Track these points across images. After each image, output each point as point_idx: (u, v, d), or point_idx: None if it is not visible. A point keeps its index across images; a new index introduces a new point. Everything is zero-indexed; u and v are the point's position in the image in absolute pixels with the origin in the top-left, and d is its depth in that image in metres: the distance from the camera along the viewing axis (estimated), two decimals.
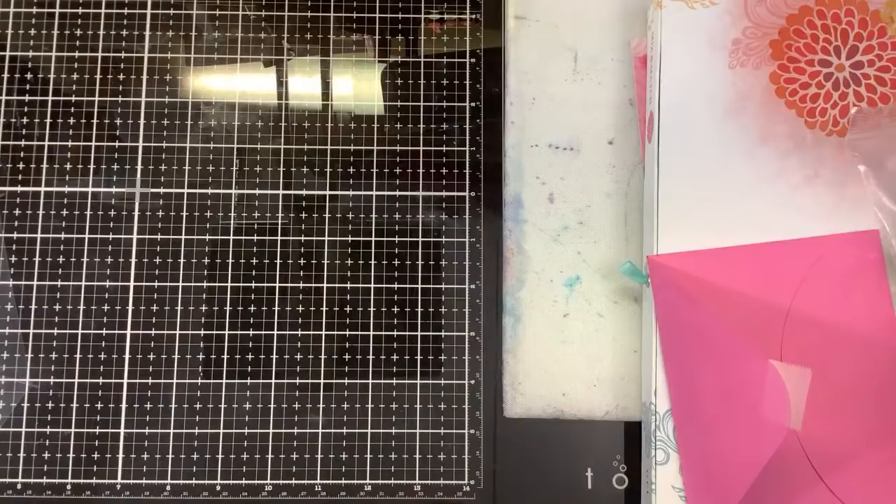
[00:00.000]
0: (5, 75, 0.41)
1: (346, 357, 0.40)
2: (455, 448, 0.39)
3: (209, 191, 0.41)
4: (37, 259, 0.40)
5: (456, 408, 0.40)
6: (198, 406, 0.39)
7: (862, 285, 0.35)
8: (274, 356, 0.40)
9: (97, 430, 0.39)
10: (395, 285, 0.40)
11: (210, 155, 0.41)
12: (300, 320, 0.40)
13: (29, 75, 0.41)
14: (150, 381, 0.39)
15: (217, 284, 0.40)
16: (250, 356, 0.40)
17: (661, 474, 0.36)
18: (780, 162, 0.37)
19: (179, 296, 0.40)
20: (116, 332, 0.40)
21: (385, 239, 0.41)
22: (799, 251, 0.35)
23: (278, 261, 0.40)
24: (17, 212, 0.40)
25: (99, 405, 0.39)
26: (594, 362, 0.40)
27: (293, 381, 0.40)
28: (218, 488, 0.39)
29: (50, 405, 0.39)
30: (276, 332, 0.40)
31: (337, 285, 0.40)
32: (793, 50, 0.37)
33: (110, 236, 0.40)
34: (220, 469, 0.39)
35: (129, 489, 0.39)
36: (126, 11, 0.42)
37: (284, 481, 0.39)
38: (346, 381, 0.40)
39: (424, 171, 0.41)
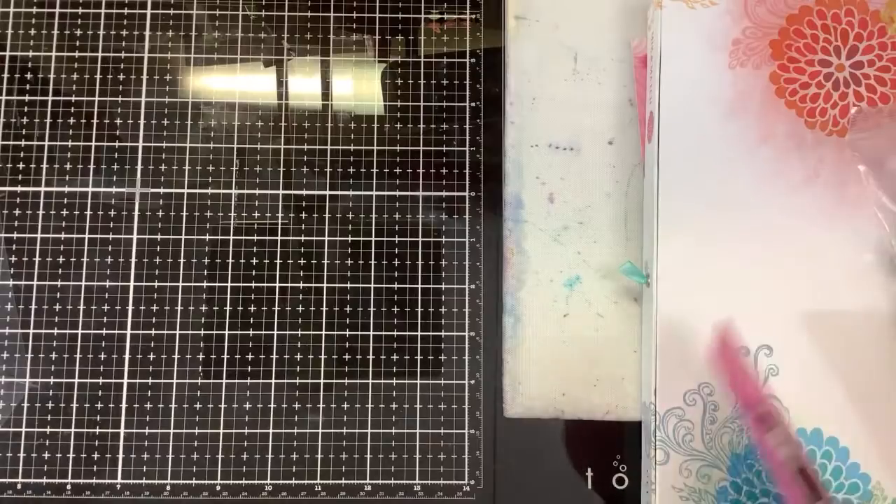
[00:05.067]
0: (5, 75, 0.41)
1: (346, 357, 0.40)
2: (455, 448, 0.39)
3: (209, 191, 0.41)
4: (37, 259, 0.40)
5: (456, 408, 0.40)
6: (198, 406, 0.39)
7: None
8: (274, 356, 0.40)
9: (97, 430, 0.39)
10: (395, 285, 0.40)
11: (210, 155, 0.41)
12: (300, 320, 0.40)
13: (29, 75, 0.41)
14: (150, 381, 0.39)
15: (217, 284, 0.40)
16: (250, 356, 0.40)
17: (661, 474, 0.36)
18: (780, 162, 0.37)
19: (179, 296, 0.40)
20: (116, 332, 0.40)
21: (385, 239, 0.41)
22: None
23: (278, 261, 0.40)
24: (17, 212, 0.40)
25: (99, 405, 0.39)
26: (594, 362, 0.39)
27: (293, 381, 0.40)
28: (218, 488, 0.39)
29: (50, 405, 0.39)
30: (276, 332, 0.40)
31: (337, 285, 0.40)
32: (793, 50, 0.37)
33: (110, 236, 0.40)
34: (220, 469, 0.39)
35: (129, 489, 0.39)
36: (126, 11, 0.42)
37: (284, 481, 0.39)
38: (346, 381, 0.40)
39: (424, 171, 0.41)
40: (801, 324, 0.36)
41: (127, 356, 0.40)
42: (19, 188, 0.41)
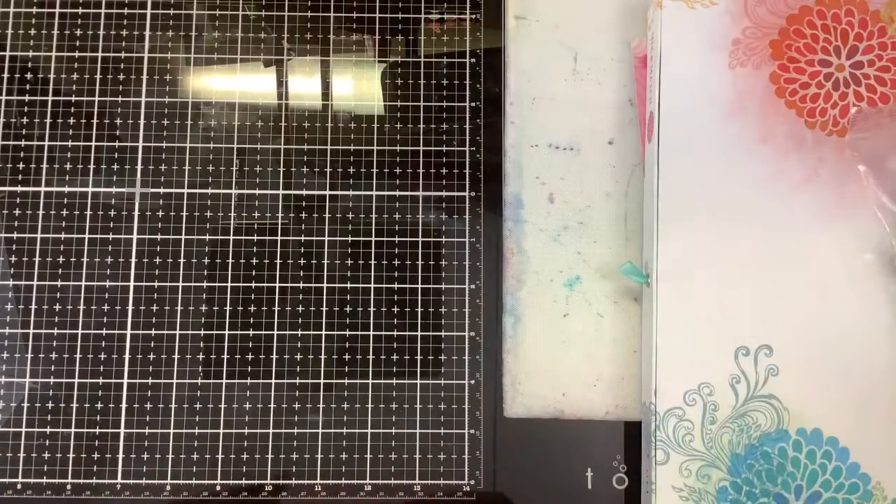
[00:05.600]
0: (5, 75, 0.41)
1: (346, 357, 0.40)
2: (455, 448, 0.39)
3: (209, 191, 0.41)
4: (37, 259, 0.40)
5: (456, 408, 0.40)
6: (198, 406, 0.39)
7: None
8: (274, 356, 0.40)
9: (97, 430, 0.39)
10: (395, 285, 0.40)
11: (210, 155, 0.41)
12: (300, 320, 0.40)
13: (29, 75, 0.41)
14: (150, 381, 0.39)
15: (217, 284, 0.40)
16: (250, 356, 0.40)
17: (661, 474, 0.36)
18: (780, 162, 0.37)
19: (179, 296, 0.40)
20: (116, 332, 0.40)
21: (385, 239, 0.41)
22: None
23: (278, 261, 0.40)
24: (17, 212, 0.40)
25: (99, 405, 0.39)
26: (594, 362, 0.40)
27: (293, 381, 0.40)
28: (218, 488, 0.39)
29: (50, 405, 0.39)
30: (276, 332, 0.40)
31: (337, 285, 0.40)
32: (793, 50, 0.37)
33: (110, 236, 0.40)
34: (220, 469, 0.39)
35: (129, 489, 0.39)
36: (126, 11, 0.42)
37: (284, 481, 0.39)
38: (346, 381, 0.40)
39: (424, 171, 0.41)
40: (801, 324, 0.36)
41: (127, 356, 0.40)
42: (19, 188, 0.41)
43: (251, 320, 0.40)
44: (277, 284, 0.40)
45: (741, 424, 0.36)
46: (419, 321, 0.40)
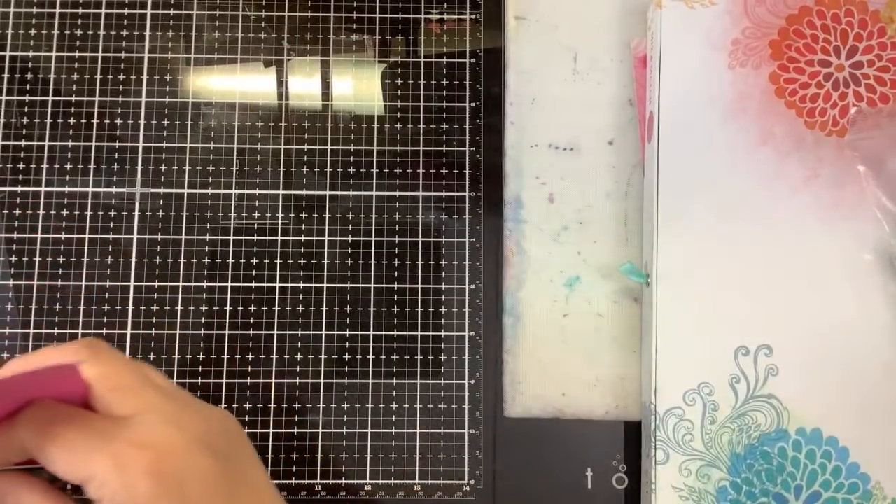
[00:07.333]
0: (5, 75, 0.41)
1: (346, 357, 0.40)
2: (455, 448, 0.39)
3: (209, 191, 0.41)
4: (37, 259, 0.40)
5: (456, 408, 0.40)
6: None
7: None
8: (274, 356, 0.40)
9: None
10: (395, 285, 0.40)
11: (210, 155, 0.41)
12: (300, 320, 0.40)
13: (29, 75, 0.41)
14: None
15: (217, 284, 0.40)
16: (250, 356, 0.40)
17: (661, 474, 0.36)
18: (780, 162, 0.37)
19: (179, 296, 0.40)
20: (116, 332, 0.40)
21: (385, 239, 0.41)
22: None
23: (278, 261, 0.40)
24: (17, 212, 0.40)
25: None
26: (594, 362, 0.40)
27: (293, 381, 0.40)
28: None
29: None
30: (276, 332, 0.40)
31: (337, 285, 0.40)
32: (792, 50, 0.37)
33: (110, 236, 0.40)
34: None
35: None
36: (126, 11, 0.42)
37: (285, 481, 0.39)
38: (346, 381, 0.40)
39: (424, 171, 0.41)
40: (801, 324, 0.36)
41: (127, 356, 0.39)
42: (19, 188, 0.41)
43: (251, 320, 0.40)
44: (277, 284, 0.40)
45: (741, 424, 0.36)
46: (419, 321, 0.40)
